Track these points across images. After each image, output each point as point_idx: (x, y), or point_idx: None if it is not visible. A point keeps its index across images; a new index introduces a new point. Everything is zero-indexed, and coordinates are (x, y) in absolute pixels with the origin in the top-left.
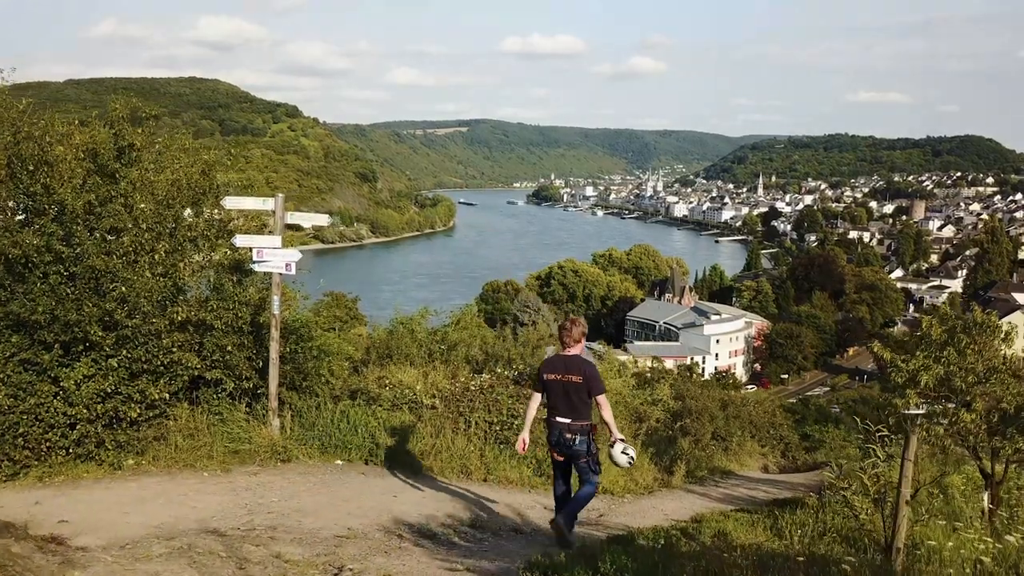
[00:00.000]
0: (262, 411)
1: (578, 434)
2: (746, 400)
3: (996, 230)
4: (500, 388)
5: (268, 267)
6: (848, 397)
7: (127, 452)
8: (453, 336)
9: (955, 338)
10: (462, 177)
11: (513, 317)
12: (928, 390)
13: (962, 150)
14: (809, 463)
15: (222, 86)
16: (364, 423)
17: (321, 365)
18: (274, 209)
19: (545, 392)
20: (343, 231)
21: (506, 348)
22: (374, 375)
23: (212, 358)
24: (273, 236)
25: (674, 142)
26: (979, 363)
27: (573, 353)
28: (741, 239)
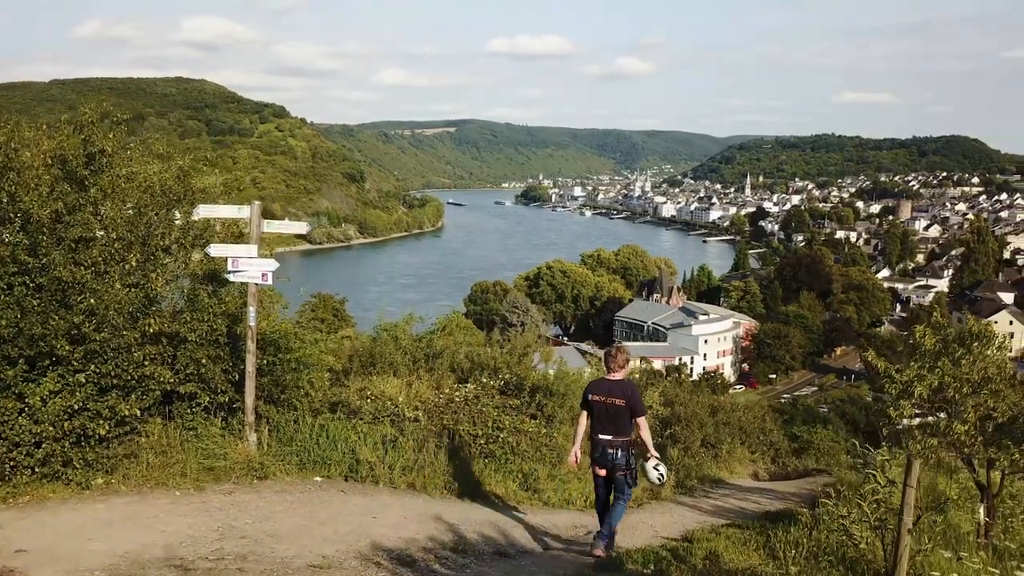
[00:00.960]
0: (238, 426)
1: (619, 449)
2: (735, 405)
3: (982, 230)
4: (486, 399)
5: (244, 277)
6: (836, 397)
7: (96, 471)
8: (438, 343)
9: (949, 348)
10: (450, 177)
11: (502, 318)
12: (922, 400)
13: (948, 150)
14: (799, 470)
15: (209, 86)
16: (344, 438)
17: (300, 377)
18: (250, 217)
19: (590, 412)
20: (331, 232)
21: (492, 356)
22: (356, 386)
23: (186, 371)
24: (249, 245)
25: (662, 142)
26: (973, 372)
27: (617, 378)
28: (729, 239)
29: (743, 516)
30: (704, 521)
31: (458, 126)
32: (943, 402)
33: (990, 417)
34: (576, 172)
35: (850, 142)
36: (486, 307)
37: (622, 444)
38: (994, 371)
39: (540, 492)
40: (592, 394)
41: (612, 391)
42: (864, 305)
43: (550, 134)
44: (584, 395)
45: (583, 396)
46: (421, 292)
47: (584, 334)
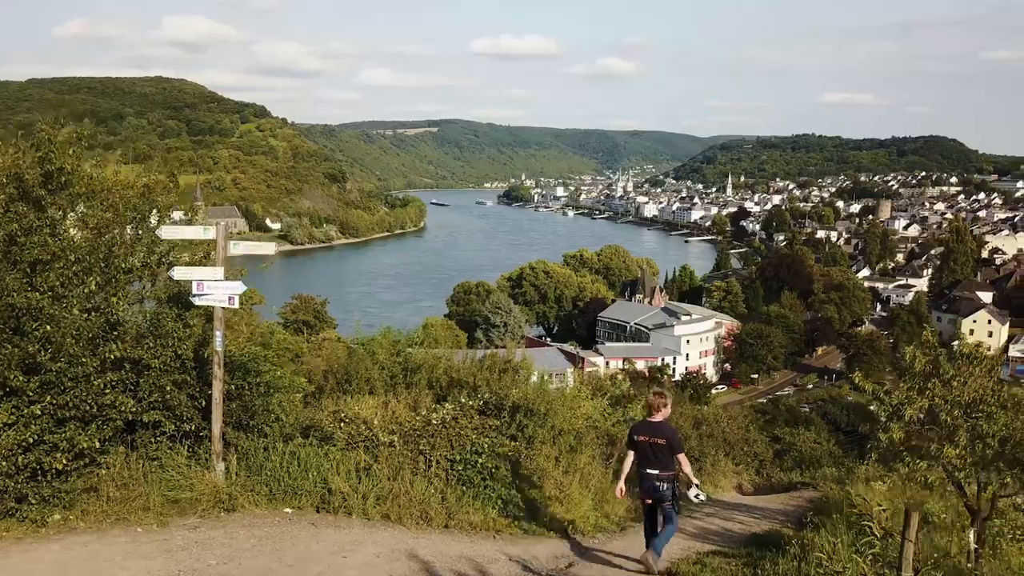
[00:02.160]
0: (205, 455)
1: (665, 482)
2: (719, 416)
3: (960, 230)
4: (464, 420)
5: (209, 300)
6: (817, 397)
7: (52, 507)
8: (417, 358)
9: (940, 369)
10: (432, 177)
11: (484, 319)
12: (912, 423)
13: (927, 150)
14: (784, 483)
15: (189, 86)
16: (316, 465)
17: (271, 401)
18: (215, 238)
19: (635, 450)
20: (312, 232)
21: (472, 373)
22: (330, 407)
23: (149, 399)
24: (215, 267)
25: (644, 142)
26: (964, 394)
27: (658, 420)
28: (710, 239)
29: (729, 540)
30: (688, 547)
31: (440, 126)
32: (935, 424)
33: (981, 439)
34: (558, 172)
35: (830, 142)
36: (469, 308)
37: (667, 478)
38: (986, 392)
39: (520, 519)
40: (638, 435)
41: (655, 432)
42: (845, 305)
43: (532, 134)
44: (630, 435)
45: (629, 436)
46: (402, 293)
47: (567, 334)
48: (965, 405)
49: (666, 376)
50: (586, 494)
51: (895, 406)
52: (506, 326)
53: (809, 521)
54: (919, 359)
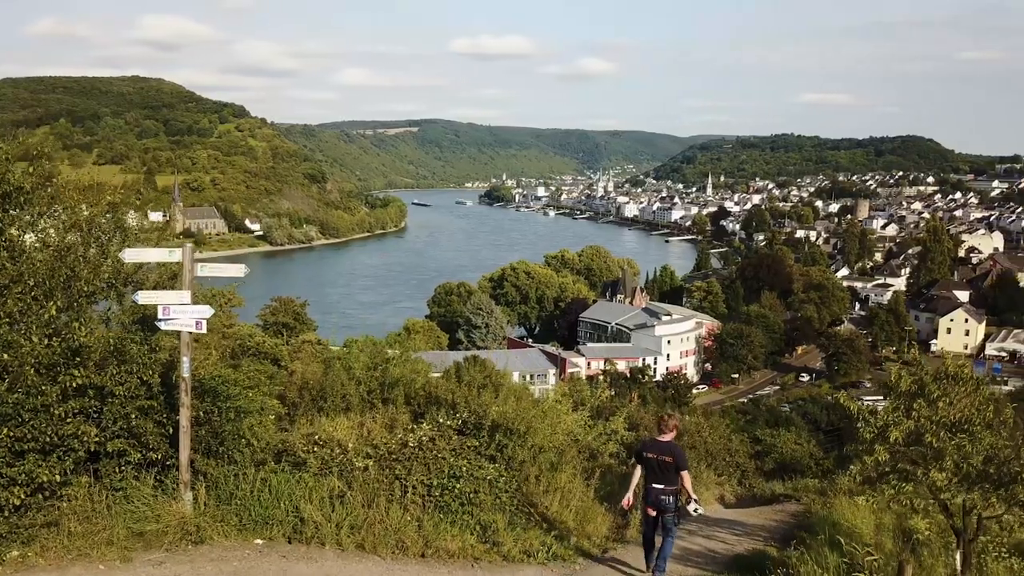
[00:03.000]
0: (173, 484)
1: (669, 496)
2: (701, 425)
3: (937, 229)
4: (442, 442)
5: (176, 325)
6: (797, 396)
7: (10, 543)
8: (394, 372)
9: (925, 389)
10: (413, 177)
11: (466, 320)
12: (898, 445)
13: (904, 150)
14: (767, 495)
15: (166, 86)
16: (288, 493)
17: (241, 426)
18: (182, 260)
19: (643, 465)
20: (292, 233)
21: (450, 389)
22: (303, 431)
23: (114, 427)
24: (181, 291)
25: (624, 142)
26: (951, 414)
27: (666, 439)
28: (691, 239)
29: (712, 560)
30: (671, 571)
31: (421, 126)
32: (921, 446)
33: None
34: (539, 172)
35: (809, 142)
36: (450, 309)
37: (672, 492)
38: (971, 412)
39: (499, 544)
40: (647, 452)
41: (663, 450)
42: (824, 304)
43: (513, 134)
44: (639, 452)
45: (638, 452)
46: (382, 294)
47: (549, 335)
48: (951, 425)
49: (647, 376)
50: (567, 515)
51: (880, 427)
52: (488, 327)
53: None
54: (905, 379)
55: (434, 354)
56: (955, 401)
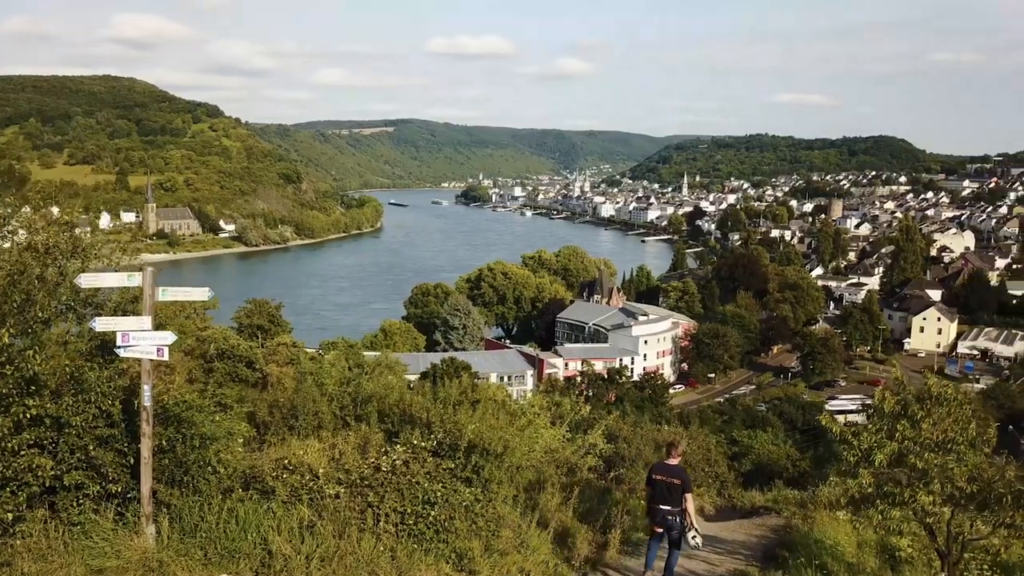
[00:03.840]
0: (134, 517)
1: (676, 516)
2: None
3: (910, 229)
4: (416, 465)
5: (136, 352)
6: (773, 396)
7: None
8: (367, 387)
9: (909, 410)
10: (389, 177)
11: (443, 321)
12: (882, 468)
13: (876, 150)
14: (746, 507)
15: (139, 85)
16: (256, 524)
17: (207, 453)
18: (142, 285)
19: (652, 487)
20: (267, 233)
21: (425, 408)
22: (273, 454)
23: (71, 459)
24: (141, 317)
25: (600, 142)
26: (935, 434)
27: (674, 463)
28: (667, 239)
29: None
30: None
31: (397, 126)
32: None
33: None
34: (516, 172)
35: (783, 142)
36: (427, 310)
37: (678, 512)
38: (955, 432)
39: (476, 573)
40: (656, 474)
41: (671, 473)
42: (799, 304)
43: (490, 134)
44: (649, 474)
45: (648, 475)
46: (356, 295)
47: (526, 336)
48: (935, 445)
49: (624, 377)
50: (546, 536)
51: (864, 450)
52: (465, 328)
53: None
54: (888, 401)
55: (411, 356)
56: (939, 421)
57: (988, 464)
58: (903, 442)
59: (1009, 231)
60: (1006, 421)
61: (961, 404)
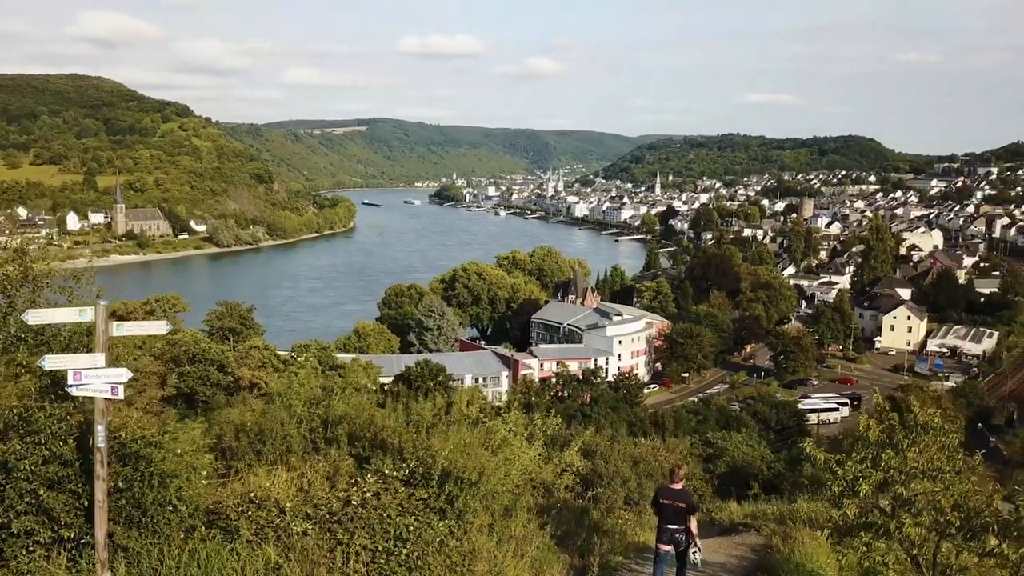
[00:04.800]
0: (89, 564)
1: (682, 535)
2: (657, 449)
3: (880, 228)
4: (387, 497)
5: (89, 391)
6: (747, 395)
7: None
8: (338, 407)
9: (894, 438)
10: (362, 177)
11: (418, 322)
12: (868, 498)
13: (846, 149)
14: (724, 524)
15: (107, 84)
16: (219, 567)
17: (167, 492)
18: (95, 320)
19: (659, 509)
20: (239, 234)
21: (396, 432)
22: (238, 487)
23: (18, 506)
24: (95, 354)
25: (573, 142)
26: (920, 462)
27: (678, 487)
28: (640, 238)
29: None
30: None
31: (369, 125)
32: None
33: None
34: (489, 172)
35: (755, 141)
36: (401, 311)
37: (684, 531)
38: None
39: None
40: (663, 498)
41: (676, 497)
42: (772, 303)
43: (463, 133)
44: (656, 498)
45: (655, 499)
46: (328, 296)
47: (501, 336)
48: (921, 472)
49: (599, 378)
50: (523, 567)
51: (849, 480)
52: (439, 329)
53: None
54: (873, 429)
55: (385, 357)
56: (924, 450)
57: (975, 492)
58: (888, 471)
59: (976, 229)
60: (975, 418)
61: (947, 433)
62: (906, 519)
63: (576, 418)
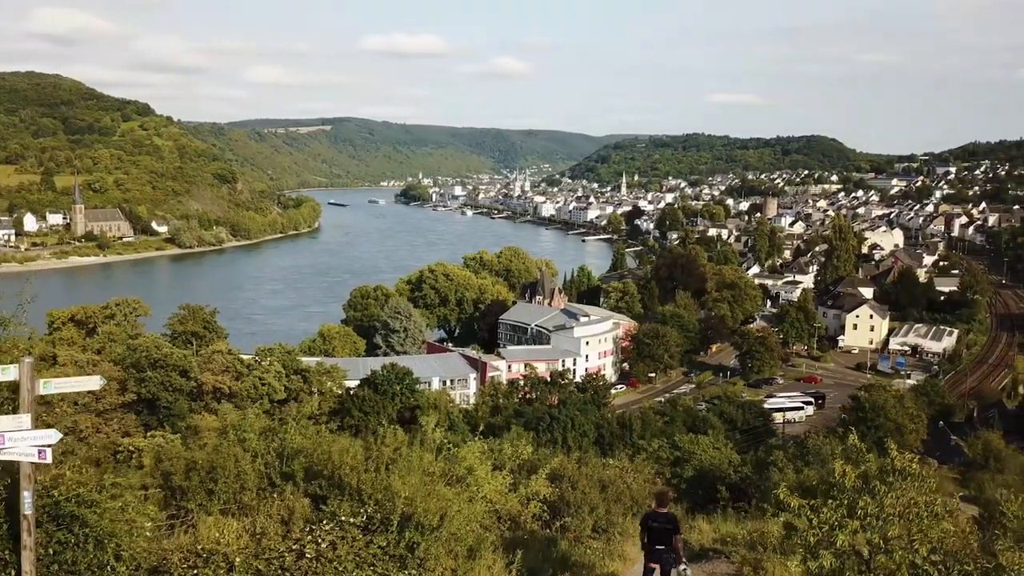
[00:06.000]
0: None
1: (670, 553)
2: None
3: (843, 228)
4: (344, 546)
5: (13, 455)
6: (713, 395)
7: None
8: (294, 440)
9: (871, 484)
10: (327, 176)
11: (384, 324)
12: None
13: (809, 149)
14: (695, 548)
15: (65, 82)
16: None
17: (104, 555)
18: (18, 379)
19: (648, 532)
20: (201, 235)
21: (354, 470)
22: (184, 541)
23: None
24: (19, 415)
25: (540, 141)
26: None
27: (664, 511)
28: (607, 238)
29: None
30: None
31: (334, 124)
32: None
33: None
34: (456, 171)
35: (719, 141)
36: (367, 313)
37: (672, 550)
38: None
39: None
40: (652, 522)
41: (665, 521)
42: (737, 302)
43: (429, 133)
44: (645, 522)
45: (644, 522)
46: (289, 298)
47: (469, 338)
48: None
49: (567, 380)
50: None
51: (825, 531)
52: (406, 331)
53: None
54: (849, 476)
55: (350, 360)
56: (902, 495)
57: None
58: (865, 518)
59: (935, 228)
60: (936, 417)
61: (925, 478)
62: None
63: (544, 421)
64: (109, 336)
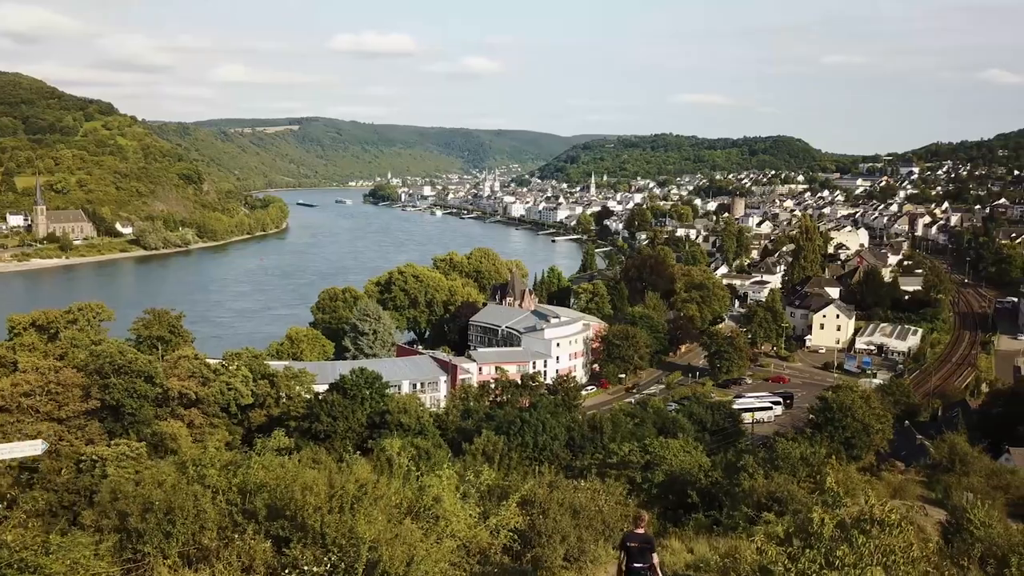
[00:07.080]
0: None
1: (648, 571)
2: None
3: (810, 228)
4: None
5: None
6: (683, 395)
7: None
8: (257, 474)
9: (849, 534)
10: (295, 176)
11: (353, 327)
12: None
13: (775, 149)
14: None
15: (25, 80)
16: None
17: None
18: None
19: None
20: (167, 236)
21: (318, 511)
22: None
23: None
24: None
25: (509, 141)
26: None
27: (642, 531)
28: (576, 238)
29: None
30: None
31: (302, 124)
32: None
33: None
34: (425, 171)
35: (687, 141)
36: (335, 315)
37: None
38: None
39: None
40: (630, 542)
41: (641, 540)
42: (705, 303)
43: (398, 132)
44: (624, 541)
45: (622, 542)
46: (256, 300)
47: (440, 340)
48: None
49: (538, 382)
50: None
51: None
52: (376, 334)
53: None
54: (828, 525)
55: (319, 364)
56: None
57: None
58: (843, 569)
59: (900, 228)
60: (902, 416)
61: (903, 528)
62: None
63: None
64: (72, 341)
